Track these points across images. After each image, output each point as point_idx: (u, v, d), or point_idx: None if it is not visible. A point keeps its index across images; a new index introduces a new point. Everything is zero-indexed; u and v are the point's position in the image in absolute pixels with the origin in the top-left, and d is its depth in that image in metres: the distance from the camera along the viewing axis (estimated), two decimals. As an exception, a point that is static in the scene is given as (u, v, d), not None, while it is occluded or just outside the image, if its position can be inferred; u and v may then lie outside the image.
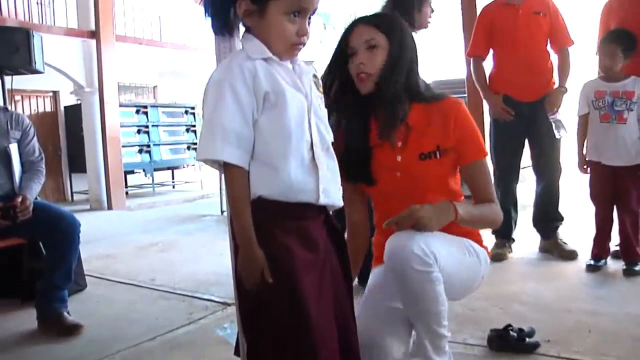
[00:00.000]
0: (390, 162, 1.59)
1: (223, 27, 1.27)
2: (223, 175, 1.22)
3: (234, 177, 1.18)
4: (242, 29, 1.28)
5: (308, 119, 1.23)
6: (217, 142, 1.15)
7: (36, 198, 2.80)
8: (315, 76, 1.31)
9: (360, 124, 1.61)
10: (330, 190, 1.25)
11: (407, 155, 1.58)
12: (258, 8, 1.20)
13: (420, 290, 1.37)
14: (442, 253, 1.40)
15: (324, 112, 1.30)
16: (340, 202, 1.30)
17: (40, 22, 8.32)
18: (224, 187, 1.33)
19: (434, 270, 1.37)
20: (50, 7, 8.66)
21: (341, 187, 1.32)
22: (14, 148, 2.78)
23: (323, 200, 1.23)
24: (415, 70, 1.60)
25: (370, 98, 1.57)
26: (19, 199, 2.56)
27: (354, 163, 1.59)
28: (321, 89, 1.32)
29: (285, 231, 1.20)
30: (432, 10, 2.96)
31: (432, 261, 1.36)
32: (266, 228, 1.18)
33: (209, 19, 1.26)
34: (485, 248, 1.68)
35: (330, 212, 1.32)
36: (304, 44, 1.24)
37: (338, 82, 1.59)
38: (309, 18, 1.24)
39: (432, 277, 1.37)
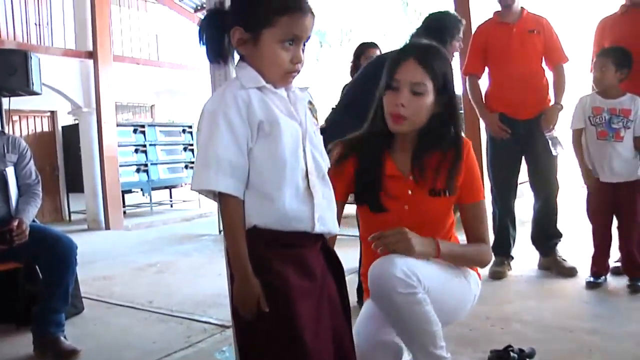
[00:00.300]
0: (400, 194, 1.60)
1: (218, 55, 1.27)
2: (218, 205, 1.21)
3: (228, 206, 1.17)
4: (236, 56, 1.29)
5: (303, 147, 1.23)
6: (211, 172, 1.15)
7: (33, 220, 2.79)
8: (310, 102, 1.31)
9: (378, 152, 1.62)
10: (326, 218, 1.25)
11: (418, 190, 1.59)
12: (252, 36, 1.20)
13: (408, 313, 1.37)
14: (425, 275, 1.41)
15: (319, 139, 1.30)
16: (336, 229, 1.30)
17: (39, 43, 8.36)
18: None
19: (418, 291, 1.37)
20: (49, 28, 8.70)
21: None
22: (10, 171, 2.78)
23: (319, 229, 1.23)
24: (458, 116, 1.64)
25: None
26: (15, 223, 2.55)
27: (366, 188, 1.62)
28: (316, 115, 1.32)
29: (281, 259, 1.19)
30: (461, 46, 3.00)
31: (416, 283, 1.37)
32: (262, 257, 1.17)
33: (203, 47, 1.26)
34: (476, 270, 1.70)
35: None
36: (298, 71, 1.24)
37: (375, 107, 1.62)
38: (303, 45, 1.24)
39: (419, 298, 1.37)
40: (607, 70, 2.92)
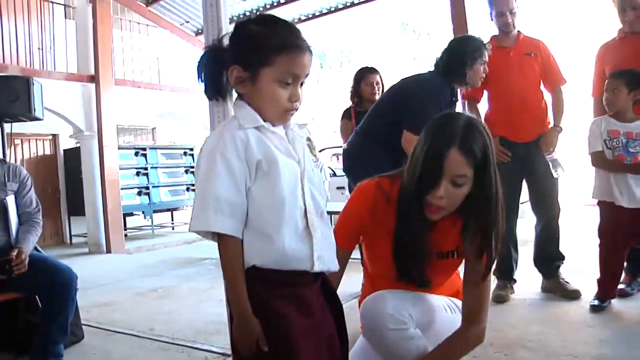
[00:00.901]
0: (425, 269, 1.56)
1: (216, 92, 1.28)
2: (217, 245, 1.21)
3: (227, 247, 1.17)
4: (234, 93, 1.29)
5: (301, 186, 1.23)
6: (209, 213, 1.15)
7: (35, 247, 2.78)
8: (309, 139, 1.31)
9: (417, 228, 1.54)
10: (325, 257, 1.24)
11: (431, 253, 1.55)
12: (250, 75, 1.21)
13: (398, 348, 1.37)
14: (417, 309, 1.40)
15: (318, 177, 1.30)
16: (335, 267, 1.29)
17: (41, 67, 8.44)
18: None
19: (409, 327, 1.37)
20: (52, 53, 8.79)
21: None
22: (10, 200, 2.78)
23: (318, 268, 1.22)
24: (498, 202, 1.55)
25: None
26: (15, 253, 2.54)
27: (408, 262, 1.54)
28: (315, 152, 1.32)
29: (281, 298, 1.18)
30: (485, 70, 3.02)
31: (407, 318, 1.37)
32: (261, 296, 1.17)
33: (202, 84, 1.27)
34: None
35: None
36: (296, 109, 1.24)
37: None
38: (302, 83, 1.24)
39: (410, 334, 1.37)
40: (620, 92, 2.89)
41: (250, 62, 1.20)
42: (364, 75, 3.98)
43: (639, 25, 3.05)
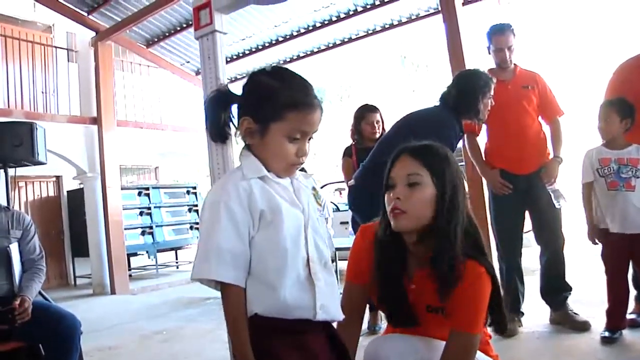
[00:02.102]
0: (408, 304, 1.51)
1: (219, 135, 1.30)
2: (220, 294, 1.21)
3: (230, 295, 1.18)
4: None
5: (305, 235, 1.23)
6: (212, 262, 1.16)
7: (40, 292, 2.76)
8: (314, 188, 1.32)
9: (397, 264, 1.51)
10: (328, 306, 1.24)
11: (417, 301, 1.49)
12: (260, 128, 1.23)
13: None
14: (419, 354, 1.38)
15: (322, 226, 1.30)
16: (339, 317, 1.28)
17: (45, 110, 8.56)
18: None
19: None
20: (55, 96, 8.93)
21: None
22: (14, 248, 2.78)
23: (320, 317, 1.22)
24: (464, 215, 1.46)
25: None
26: (18, 301, 2.52)
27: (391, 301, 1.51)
28: (320, 201, 1.33)
29: (283, 347, 1.18)
30: (492, 104, 3.07)
31: None
32: (263, 344, 1.16)
33: (207, 128, 1.31)
34: (485, 332, 1.59)
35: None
36: (302, 164, 1.26)
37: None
38: (310, 138, 1.26)
39: None
40: (612, 121, 2.95)
41: (262, 115, 1.23)
42: (364, 114, 4.01)
43: None
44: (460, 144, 3.74)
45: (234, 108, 1.31)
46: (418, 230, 1.45)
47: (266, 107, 1.22)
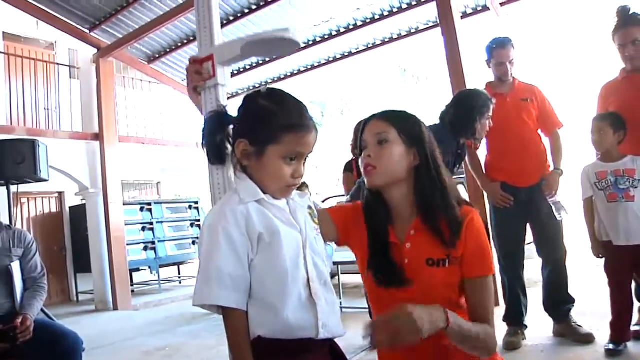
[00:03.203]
0: (399, 263, 1.47)
1: (217, 158, 1.33)
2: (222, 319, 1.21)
3: (232, 320, 1.18)
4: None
5: (304, 255, 1.24)
6: (213, 287, 1.16)
7: (42, 310, 2.76)
8: (310, 207, 1.33)
9: (381, 220, 1.52)
10: (330, 324, 1.24)
11: (414, 258, 1.46)
12: (256, 150, 1.24)
13: None
14: None
15: (320, 245, 1.31)
16: (341, 333, 1.28)
17: (47, 127, 8.62)
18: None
19: None
20: (57, 112, 8.98)
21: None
22: (16, 266, 2.78)
23: (323, 335, 1.22)
24: (439, 164, 1.51)
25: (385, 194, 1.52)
26: (19, 320, 2.53)
27: (373, 256, 1.50)
28: (316, 220, 1.34)
29: None
30: (490, 124, 3.10)
31: None
32: None
33: (205, 150, 1.32)
34: None
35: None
36: (297, 185, 1.28)
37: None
38: (305, 159, 1.27)
39: None
40: (606, 134, 2.97)
41: (258, 138, 1.24)
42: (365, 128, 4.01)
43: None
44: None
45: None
46: (394, 186, 1.50)
47: (262, 130, 1.23)
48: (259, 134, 1.24)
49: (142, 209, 9.14)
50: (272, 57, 6.93)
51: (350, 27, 6.64)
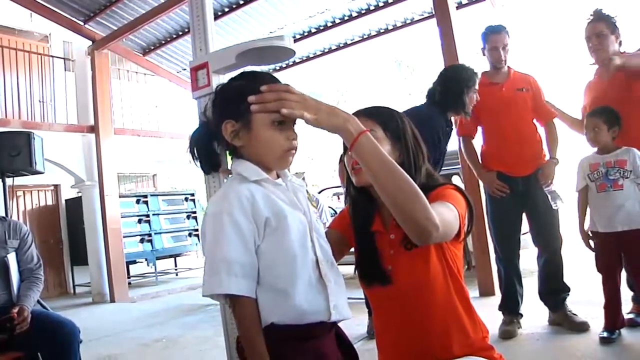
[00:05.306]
0: (385, 253, 1.47)
1: (211, 165, 1.33)
2: (231, 308, 1.19)
3: (243, 308, 1.15)
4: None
5: (310, 237, 1.23)
6: (222, 276, 1.13)
7: (38, 301, 2.76)
8: (307, 191, 1.33)
9: (366, 217, 1.51)
10: (340, 305, 1.23)
11: (397, 246, 1.44)
12: (243, 124, 1.22)
13: None
14: None
15: (321, 226, 1.30)
16: (349, 315, 1.27)
17: (42, 120, 8.58)
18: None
19: None
20: (52, 105, 8.95)
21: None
22: (12, 258, 2.78)
23: (335, 317, 1.21)
24: (422, 160, 1.50)
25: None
26: (16, 311, 2.52)
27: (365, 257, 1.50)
28: (314, 203, 1.34)
29: (298, 353, 1.17)
30: (477, 98, 3.10)
31: None
32: (281, 354, 1.15)
33: (197, 162, 1.32)
34: (485, 333, 1.51)
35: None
36: (295, 148, 1.25)
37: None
38: (294, 124, 1.26)
39: None
40: (600, 130, 2.98)
41: (240, 111, 1.22)
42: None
43: (603, 53, 3.06)
44: (456, 147, 3.77)
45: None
46: None
47: (242, 103, 1.22)
48: (239, 108, 1.22)
49: (138, 202, 9.13)
50: (267, 64, 6.92)
51: (346, 18, 6.62)
